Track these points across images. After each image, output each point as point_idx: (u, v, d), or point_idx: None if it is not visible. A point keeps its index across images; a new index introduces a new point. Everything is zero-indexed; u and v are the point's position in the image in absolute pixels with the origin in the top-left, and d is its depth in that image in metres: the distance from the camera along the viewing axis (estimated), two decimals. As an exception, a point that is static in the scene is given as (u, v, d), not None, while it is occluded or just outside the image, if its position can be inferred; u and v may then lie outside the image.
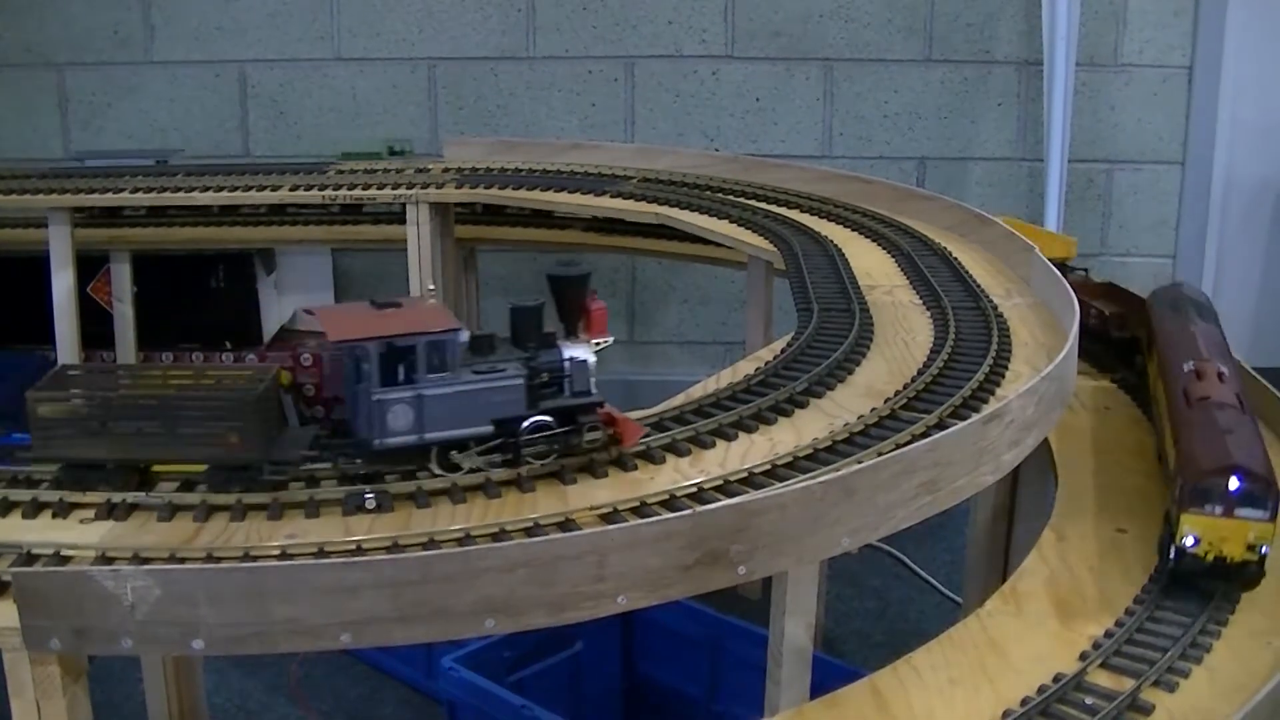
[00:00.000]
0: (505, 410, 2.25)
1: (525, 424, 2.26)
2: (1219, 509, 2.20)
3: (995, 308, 3.20)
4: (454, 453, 2.25)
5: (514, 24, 5.84)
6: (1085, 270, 3.96)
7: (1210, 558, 2.23)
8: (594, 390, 2.33)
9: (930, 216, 4.12)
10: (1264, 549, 2.20)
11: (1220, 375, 2.59)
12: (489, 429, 2.25)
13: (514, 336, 2.34)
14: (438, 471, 2.24)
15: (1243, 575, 2.24)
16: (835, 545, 2.17)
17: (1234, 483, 2.19)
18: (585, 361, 2.32)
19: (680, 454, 2.40)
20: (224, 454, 2.18)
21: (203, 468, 2.22)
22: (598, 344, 2.38)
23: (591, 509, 2.18)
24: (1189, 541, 2.23)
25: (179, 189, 4.62)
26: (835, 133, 5.93)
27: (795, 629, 2.30)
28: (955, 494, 2.33)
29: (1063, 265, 3.64)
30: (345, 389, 2.30)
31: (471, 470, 2.25)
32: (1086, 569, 2.39)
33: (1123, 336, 3.46)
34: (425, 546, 2.06)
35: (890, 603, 4.55)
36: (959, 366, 2.80)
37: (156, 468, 2.25)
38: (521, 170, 4.85)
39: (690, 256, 5.01)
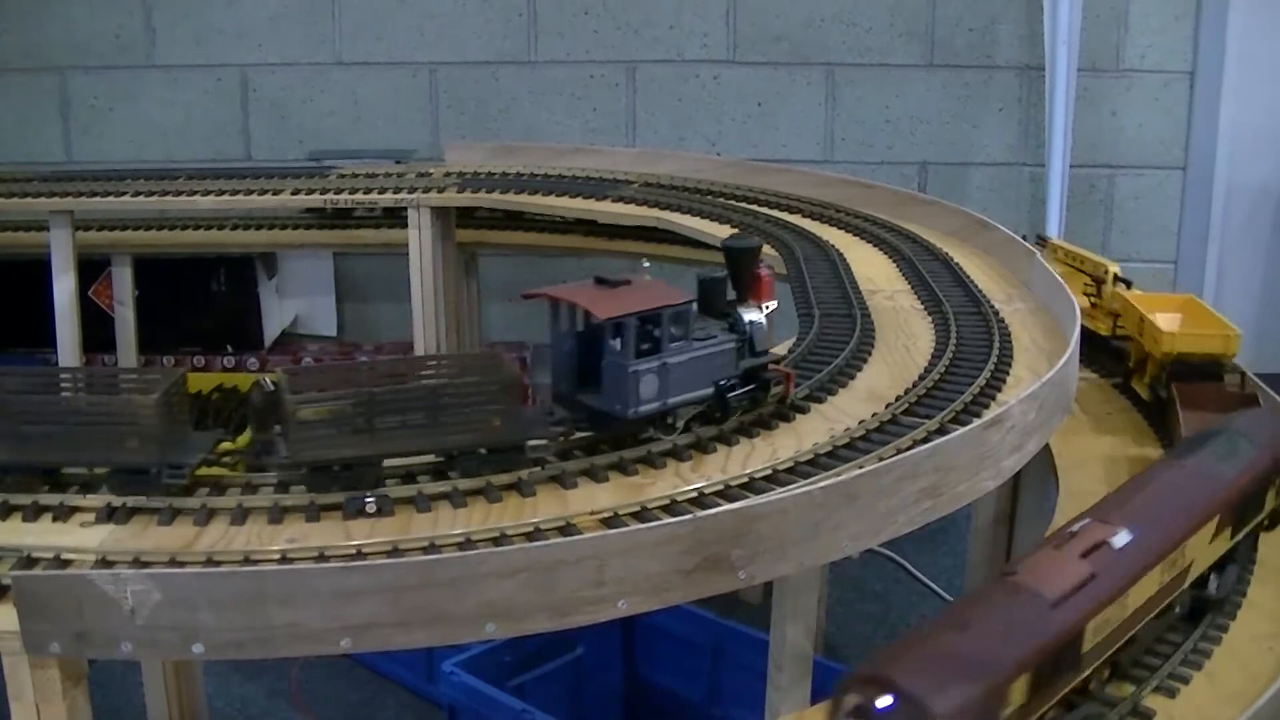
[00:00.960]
0: (722, 372, 2.46)
1: (732, 383, 2.47)
2: None
3: (997, 313, 3.20)
4: (670, 417, 2.41)
5: (515, 28, 5.84)
6: (1241, 374, 3.16)
7: None
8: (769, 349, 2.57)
9: (932, 221, 4.12)
10: None
11: (1097, 547, 1.89)
12: (710, 391, 2.44)
13: (702, 306, 2.55)
14: (663, 436, 2.39)
15: None
16: (836, 550, 2.16)
17: (882, 700, 1.57)
18: (762, 324, 2.53)
19: (681, 459, 2.40)
20: (486, 438, 2.24)
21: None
22: (767, 308, 2.57)
23: (592, 513, 2.18)
24: None
25: (180, 193, 4.62)
26: (837, 137, 5.92)
27: (796, 633, 2.30)
28: (956, 499, 2.32)
29: (1218, 364, 3.07)
30: (567, 366, 2.40)
31: (684, 431, 2.42)
32: (1088, 574, 2.38)
33: None
34: (426, 551, 2.05)
35: (892, 607, 4.55)
36: (960, 371, 2.80)
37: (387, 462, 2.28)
38: (523, 175, 4.85)
39: (692, 261, 5.00)
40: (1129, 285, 3.54)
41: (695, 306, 2.51)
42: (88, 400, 2.24)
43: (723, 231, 4.06)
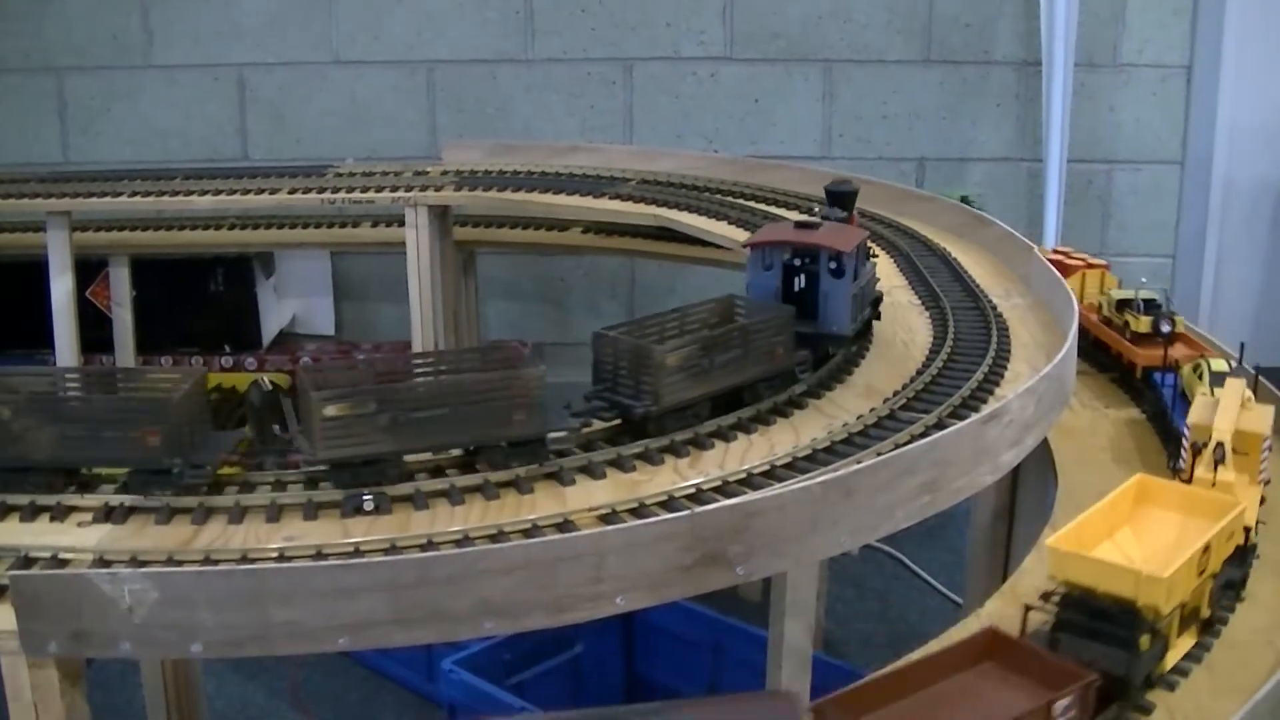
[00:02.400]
0: (871, 298, 2.87)
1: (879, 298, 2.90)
2: None
3: (994, 308, 3.20)
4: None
5: (512, 27, 5.84)
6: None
7: None
8: None
9: (929, 217, 4.12)
10: None
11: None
12: (869, 310, 2.86)
13: None
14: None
15: None
16: (835, 546, 2.16)
17: None
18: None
19: (679, 455, 2.40)
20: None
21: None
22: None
23: (590, 510, 2.17)
24: None
25: (177, 193, 4.61)
26: (835, 134, 5.92)
27: (795, 630, 2.30)
28: (955, 494, 2.32)
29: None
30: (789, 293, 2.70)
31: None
32: (1086, 569, 2.38)
33: None
34: (424, 548, 2.05)
35: (891, 604, 4.54)
36: (958, 367, 2.80)
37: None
38: (520, 173, 4.84)
39: (690, 258, 5.00)
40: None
41: None
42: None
43: (721, 228, 4.06)
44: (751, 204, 4.32)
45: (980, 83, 5.87)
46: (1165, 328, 3.19)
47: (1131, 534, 2.25)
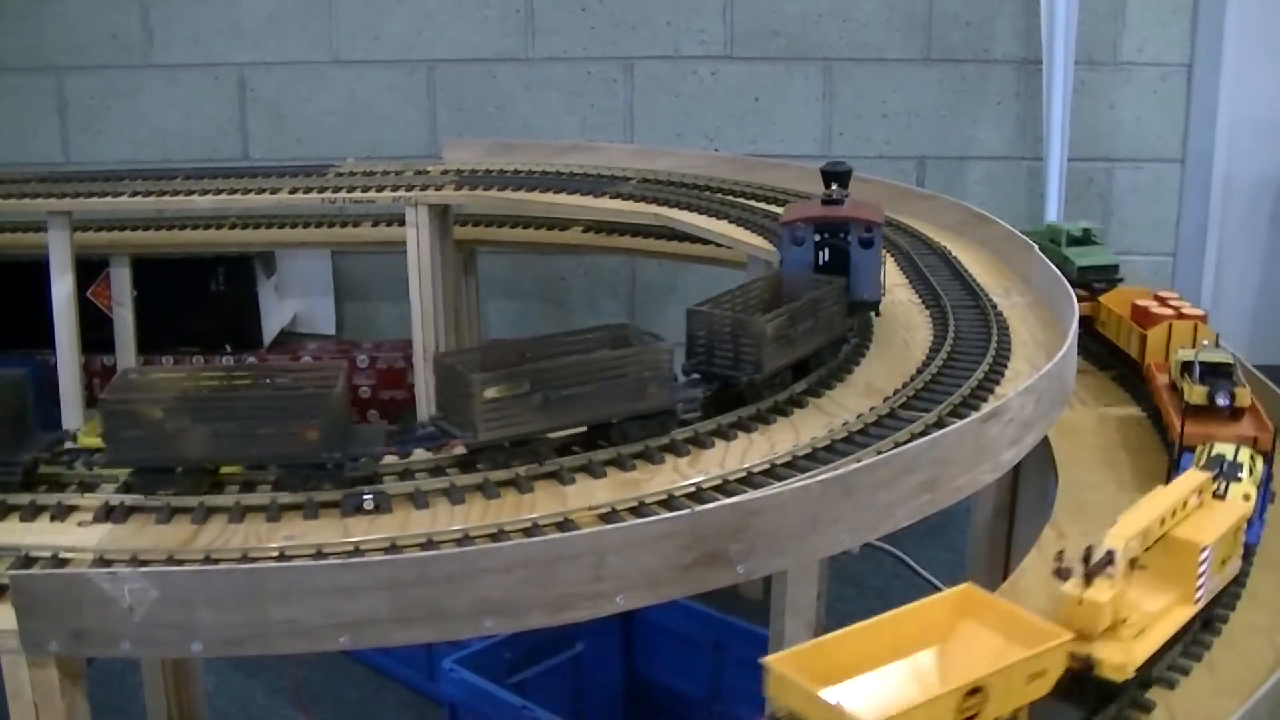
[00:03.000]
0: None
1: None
2: None
3: (994, 306, 3.20)
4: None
5: (512, 26, 5.84)
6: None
7: None
8: None
9: (930, 216, 4.12)
10: None
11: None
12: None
13: None
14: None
15: None
16: (835, 544, 2.17)
17: None
18: None
19: (679, 454, 2.40)
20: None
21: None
22: None
23: (590, 509, 2.18)
24: None
25: (178, 193, 4.61)
26: (835, 132, 5.92)
27: (795, 628, 2.31)
28: (955, 492, 2.32)
29: None
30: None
31: None
32: (1087, 567, 2.38)
33: None
34: (424, 547, 2.06)
35: (892, 602, 4.49)
36: (958, 365, 2.80)
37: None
38: (520, 172, 4.84)
39: (690, 257, 5.01)
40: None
41: None
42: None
43: (721, 227, 4.07)
44: (752, 203, 4.32)
45: (980, 81, 5.86)
46: (1223, 400, 2.70)
47: (935, 654, 1.86)
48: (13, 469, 2.22)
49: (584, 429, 2.40)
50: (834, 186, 3.01)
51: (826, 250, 2.91)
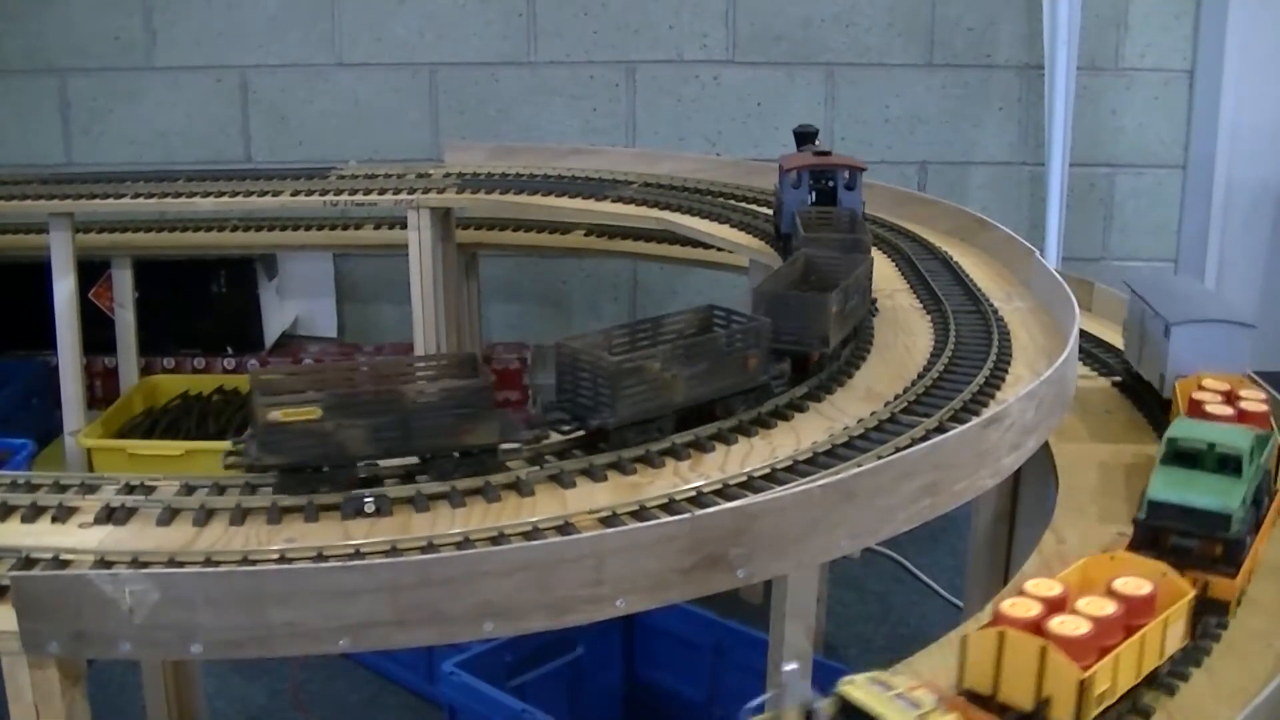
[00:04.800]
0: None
1: None
2: None
3: (996, 311, 3.20)
4: None
5: (515, 29, 5.85)
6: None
7: None
8: None
9: (931, 221, 4.12)
10: None
11: None
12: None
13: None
14: None
15: None
16: (835, 549, 2.17)
17: None
18: None
19: (680, 458, 2.40)
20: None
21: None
22: None
23: (590, 512, 2.18)
24: None
25: (180, 195, 4.62)
26: (837, 137, 5.92)
27: (795, 633, 2.30)
28: (955, 497, 2.32)
29: None
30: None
31: None
32: (1087, 572, 2.38)
33: None
34: (424, 550, 2.06)
35: (892, 607, 4.54)
36: (959, 370, 2.80)
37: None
38: (522, 175, 4.85)
39: (692, 261, 5.01)
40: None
41: None
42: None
43: (723, 231, 4.07)
44: (753, 207, 4.33)
45: (982, 86, 5.87)
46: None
47: None
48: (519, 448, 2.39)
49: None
50: (817, 142, 3.75)
51: (817, 192, 3.49)
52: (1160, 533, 2.14)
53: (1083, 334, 3.33)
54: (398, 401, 2.24)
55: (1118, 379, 3.37)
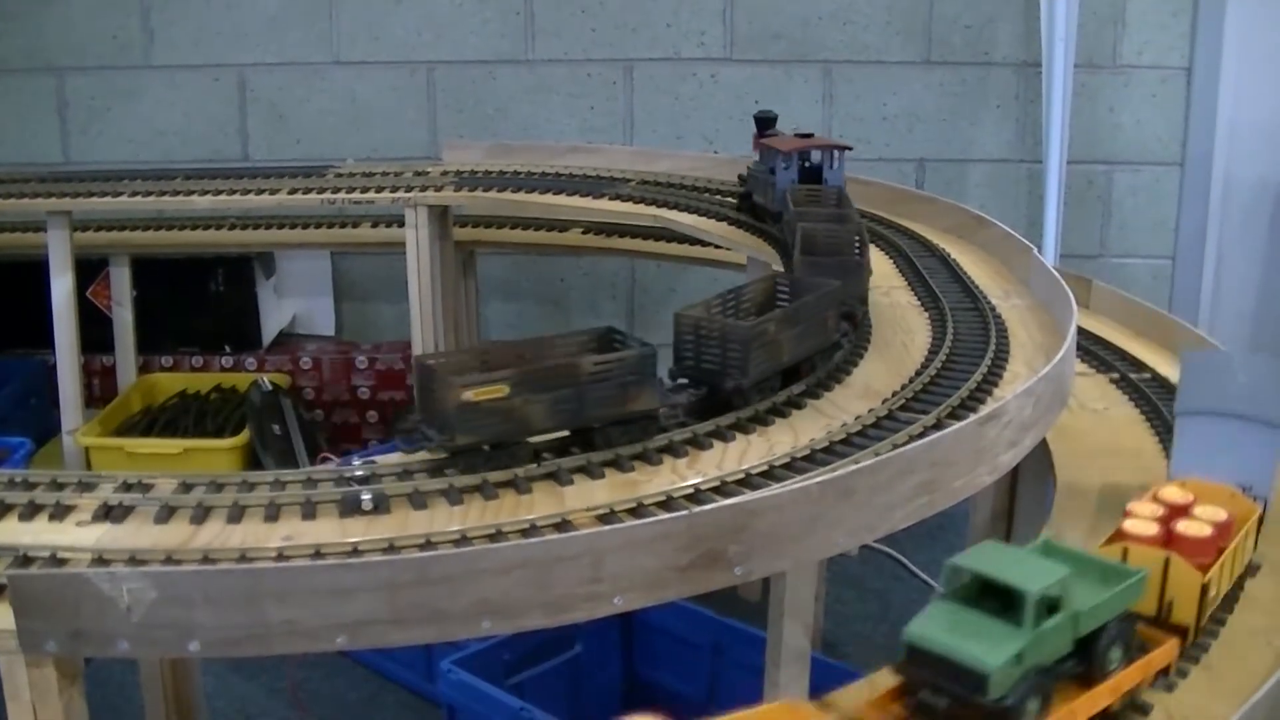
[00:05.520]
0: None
1: None
2: None
3: (993, 309, 3.20)
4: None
5: (513, 28, 5.84)
6: None
7: None
8: None
9: (929, 218, 4.12)
10: None
11: None
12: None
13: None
14: None
15: None
16: (832, 546, 2.17)
17: None
18: None
19: (678, 455, 2.40)
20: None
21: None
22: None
23: (588, 510, 2.18)
24: None
25: (178, 193, 4.62)
26: (834, 134, 5.90)
27: (793, 630, 2.30)
28: (953, 495, 2.33)
29: None
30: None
31: None
32: (1085, 569, 2.38)
33: None
34: (422, 548, 2.06)
35: (891, 605, 4.54)
36: (957, 367, 2.80)
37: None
38: (520, 173, 4.85)
39: (690, 259, 5.01)
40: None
41: None
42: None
43: (721, 229, 4.07)
44: (751, 205, 4.32)
45: (980, 84, 5.87)
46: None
47: None
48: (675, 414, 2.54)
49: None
50: (776, 127, 4.24)
51: (802, 170, 3.79)
52: (919, 684, 1.68)
53: (1080, 331, 3.33)
54: (574, 374, 2.32)
55: (1115, 375, 3.37)
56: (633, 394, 2.38)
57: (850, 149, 3.83)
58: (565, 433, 2.41)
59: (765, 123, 4.26)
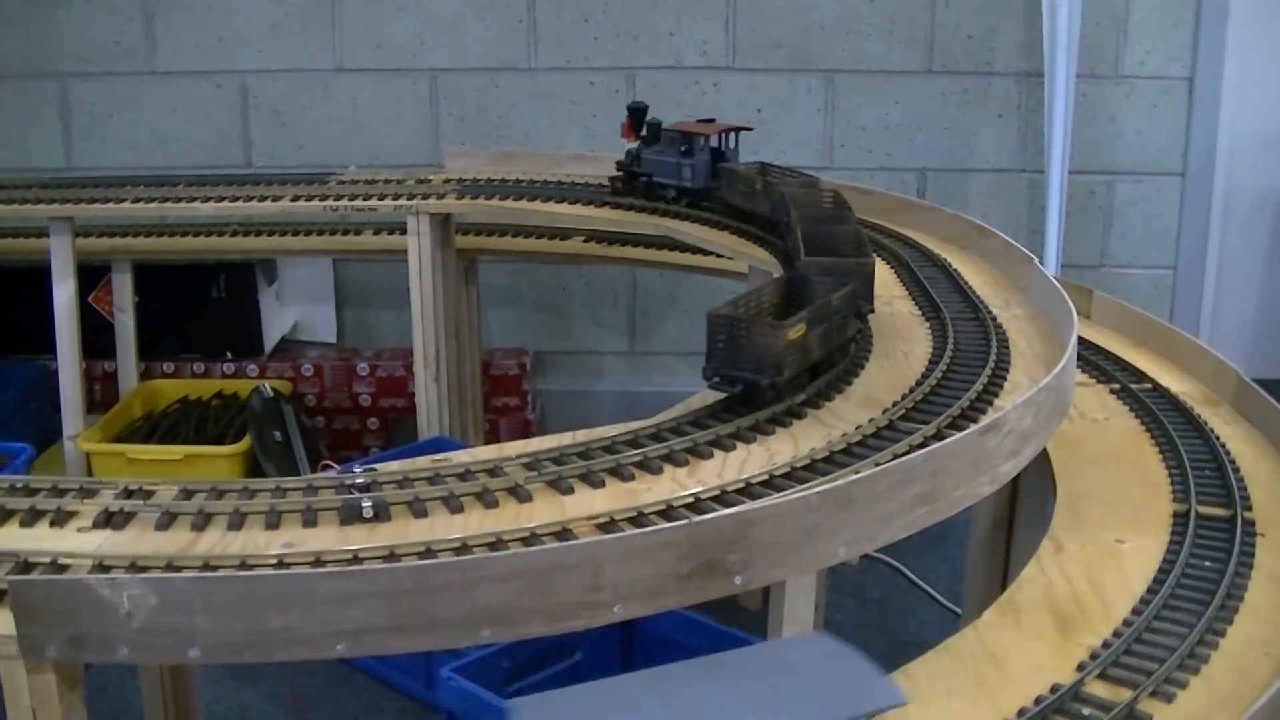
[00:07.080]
0: None
1: None
2: None
3: (994, 318, 3.20)
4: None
5: (515, 35, 5.85)
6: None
7: None
8: None
9: (930, 227, 4.13)
10: None
11: None
12: None
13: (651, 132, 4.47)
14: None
15: None
16: (832, 555, 2.17)
17: None
18: None
19: (678, 464, 2.40)
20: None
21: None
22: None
23: (588, 518, 2.18)
24: None
25: (180, 199, 4.63)
26: (836, 144, 5.93)
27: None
28: (953, 504, 2.33)
29: None
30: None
31: None
32: (1085, 580, 2.39)
33: None
34: (422, 556, 2.06)
35: (890, 613, 4.54)
36: (957, 377, 2.81)
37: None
38: (522, 181, 4.85)
39: (691, 267, 5.02)
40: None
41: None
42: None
43: (723, 238, 4.08)
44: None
45: (982, 94, 5.87)
46: None
47: None
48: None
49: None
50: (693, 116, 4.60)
51: (713, 151, 4.25)
52: None
53: (1081, 341, 3.33)
54: (828, 310, 2.70)
55: (1116, 386, 3.37)
56: (850, 323, 2.84)
57: (750, 129, 4.39)
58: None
59: (638, 113, 4.56)
